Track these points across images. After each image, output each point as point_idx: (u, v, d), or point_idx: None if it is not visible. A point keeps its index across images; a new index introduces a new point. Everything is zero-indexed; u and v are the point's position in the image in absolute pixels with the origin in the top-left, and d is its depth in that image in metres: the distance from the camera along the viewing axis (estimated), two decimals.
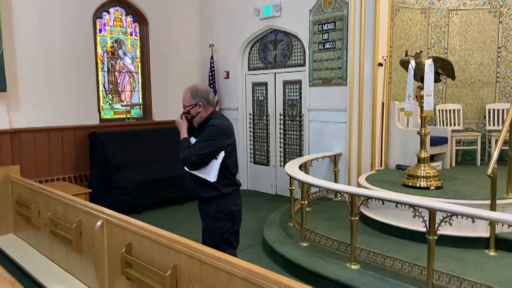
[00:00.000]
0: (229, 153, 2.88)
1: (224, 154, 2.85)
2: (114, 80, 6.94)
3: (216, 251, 2.17)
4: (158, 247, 2.53)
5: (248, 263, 2.01)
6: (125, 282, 2.79)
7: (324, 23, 5.83)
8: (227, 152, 2.86)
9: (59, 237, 3.57)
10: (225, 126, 2.93)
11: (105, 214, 2.99)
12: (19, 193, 4.37)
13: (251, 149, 7.33)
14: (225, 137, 2.88)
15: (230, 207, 2.98)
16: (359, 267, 3.51)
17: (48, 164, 5.98)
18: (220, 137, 2.85)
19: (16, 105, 5.64)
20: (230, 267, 2.04)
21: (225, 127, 2.92)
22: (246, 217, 5.72)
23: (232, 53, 7.27)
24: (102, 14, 6.59)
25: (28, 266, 3.74)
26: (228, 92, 7.47)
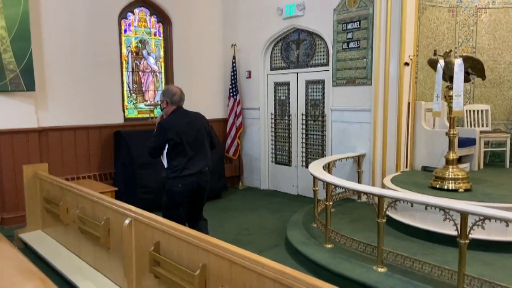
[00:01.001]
0: (172, 145, 3.56)
1: (168, 146, 3.59)
2: (138, 79, 7.03)
3: (247, 251, 2.17)
4: (186, 246, 2.54)
5: (279, 264, 2.00)
6: (153, 280, 2.81)
7: (349, 22, 5.76)
8: (170, 144, 3.56)
9: (87, 234, 3.63)
10: (168, 124, 3.61)
11: (133, 213, 3.03)
12: (47, 190, 4.46)
13: (272, 149, 7.31)
14: (167, 132, 3.55)
15: (172, 188, 3.64)
16: (386, 270, 3.46)
17: (74, 162, 6.09)
18: (162, 133, 3.57)
19: (44, 104, 5.76)
20: (260, 267, 2.04)
21: (168, 125, 3.60)
22: (268, 217, 5.73)
23: (254, 52, 7.27)
24: (127, 14, 6.68)
25: (56, 262, 3.82)
26: (250, 92, 7.47)
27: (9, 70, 5.21)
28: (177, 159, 3.59)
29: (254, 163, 7.54)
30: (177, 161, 3.59)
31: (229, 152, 7.52)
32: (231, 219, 5.68)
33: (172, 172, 3.61)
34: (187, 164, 3.60)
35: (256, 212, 5.97)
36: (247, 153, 7.67)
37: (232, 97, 7.44)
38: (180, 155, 3.59)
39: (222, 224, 5.41)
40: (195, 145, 3.66)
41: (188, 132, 3.63)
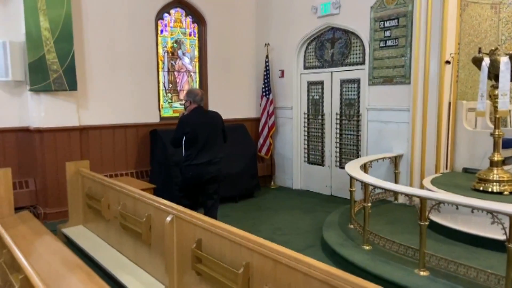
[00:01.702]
0: (187, 137, 4.23)
1: (184, 138, 4.25)
2: (174, 79, 7.14)
3: (292, 251, 2.16)
4: (229, 244, 2.55)
5: (326, 265, 1.99)
6: (195, 277, 2.85)
7: (387, 20, 5.65)
8: (186, 137, 4.24)
9: (128, 230, 3.71)
10: (187, 119, 4.30)
11: (175, 210, 3.07)
12: (89, 187, 4.59)
13: (305, 148, 7.27)
14: (185, 126, 4.25)
15: (184, 174, 4.33)
16: (428, 274, 3.37)
17: (112, 160, 6.25)
18: (181, 126, 4.28)
19: (85, 103, 5.94)
20: (307, 268, 2.03)
21: (187, 120, 4.29)
22: (302, 217, 5.70)
23: (288, 52, 7.24)
24: (163, 15, 6.79)
25: (98, 257, 3.92)
26: (283, 91, 7.45)
27: (52, 70, 5.40)
28: (190, 149, 4.25)
29: (286, 162, 7.52)
30: (190, 151, 4.25)
31: (261, 152, 7.53)
32: (265, 218, 5.68)
33: (185, 161, 4.28)
34: (198, 155, 4.22)
35: (290, 212, 5.95)
36: (279, 153, 7.66)
37: (264, 96, 7.45)
38: (193, 147, 4.23)
39: (256, 223, 5.43)
40: (207, 140, 4.26)
41: (203, 127, 4.26)
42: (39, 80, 5.34)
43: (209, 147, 4.27)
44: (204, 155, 4.23)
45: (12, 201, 4.50)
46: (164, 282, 3.18)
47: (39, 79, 5.33)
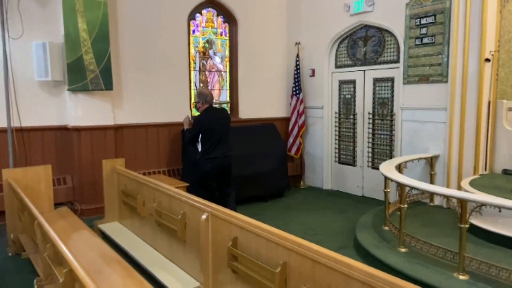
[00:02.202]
0: (204, 134, 4.66)
1: (202, 135, 4.67)
2: (205, 79, 7.21)
3: (331, 251, 2.14)
4: (266, 243, 2.55)
5: (368, 266, 1.95)
6: (230, 275, 2.86)
7: (423, 17, 5.50)
8: (203, 134, 4.66)
9: (163, 227, 3.77)
10: (203, 118, 4.74)
11: (211, 208, 3.09)
12: (125, 184, 4.69)
13: (336, 148, 7.19)
14: (202, 125, 4.67)
15: (203, 167, 4.71)
16: (468, 278, 3.26)
17: (145, 158, 6.37)
18: (199, 125, 4.70)
19: (120, 103, 6.07)
20: (348, 269, 2.00)
21: (203, 119, 4.73)
22: (334, 217, 5.63)
23: (319, 50, 7.18)
24: (195, 15, 6.87)
25: (133, 253, 4.00)
26: (313, 90, 7.39)
27: (89, 71, 5.55)
28: (207, 145, 4.68)
29: (317, 162, 7.46)
30: (206, 146, 4.68)
31: (291, 151, 7.50)
32: (296, 218, 5.66)
33: (203, 155, 4.70)
34: (214, 149, 4.68)
35: (321, 212, 5.90)
36: (309, 152, 7.60)
37: (295, 95, 7.41)
38: (209, 142, 4.68)
39: (287, 223, 5.41)
40: (220, 135, 4.73)
41: (216, 124, 4.72)
42: (77, 80, 5.50)
43: (223, 142, 4.77)
44: (220, 149, 4.72)
45: (52, 197, 4.65)
46: (199, 279, 3.22)
47: (77, 79, 5.50)
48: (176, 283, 3.25)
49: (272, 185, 6.59)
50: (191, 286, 3.18)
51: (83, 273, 1.91)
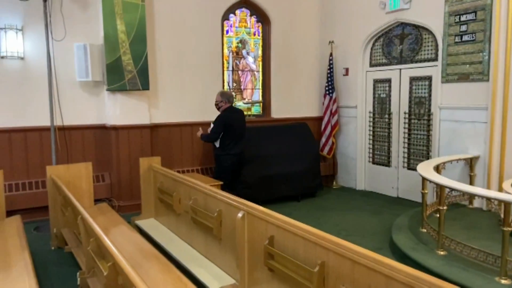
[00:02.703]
0: (226, 132, 5.13)
1: (224, 132, 5.14)
2: (238, 78, 7.26)
3: (371, 252, 2.12)
4: (303, 242, 2.55)
5: (410, 268, 1.92)
6: (267, 273, 2.87)
7: (463, 14, 5.34)
8: (225, 131, 5.13)
9: (199, 225, 3.83)
10: (226, 117, 5.17)
11: (247, 206, 3.11)
12: (161, 182, 4.80)
13: (369, 148, 7.08)
14: (226, 122, 5.11)
15: (224, 162, 5.26)
16: (510, 282, 3.15)
17: (180, 156, 6.49)
18: (222, 123, 5.11)
19: (156, 102, 6.22)
20: (389, 270, 1.97)
21: (226, 117, 5.17)
22: (368, 218, 5.56)
23: (353, 49, 7.09)
24: (229, 16, 6.93)
25: (170, 249, 4.08)
26: (347, 89, 7.31)
27: (127, 71, 5.71)
28: (227, 141, 5.14)
29: (350, 162, 7.37)
30: (227, 143, 5.15)
31: (323, 151, 7.44)
32: (329, 218, 5.62)
33: (223, 151, 5.20)
34: (234, 146, 5.21)
35: (354, 213, 5.83)
36: (342, 152, 7.52)
37: (328, 95, 7.35)
38: (230, 139, 5.15)
39: (320, 223, 5.37)
40: (239, 133, 5.24)
41: (236, 123, 5.19)
42: (116, 80, 5.67)
43: (241, 139, 5.32)
44: (239, 146, 5.29)
45: (92, 193, 4.82)
46: (235, 277, 3.25)
47: (115, 79, 5.67)
48: (212, 280, 3.29)
49: (304, 185, 6.56)
50: (227, 283, 3.21)
51: (128, 267, 1.97)
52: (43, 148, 5.58)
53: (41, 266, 4.02)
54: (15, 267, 3.03)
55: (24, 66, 5.45)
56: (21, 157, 5.49)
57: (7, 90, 5.37)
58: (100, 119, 5.98)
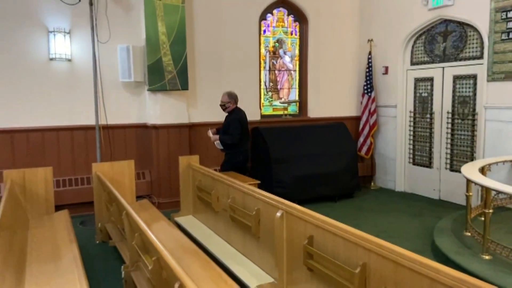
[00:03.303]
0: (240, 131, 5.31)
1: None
2: (274, 78, 7.28)
3: (415, 254, 2.07)
4: (343, 242, 2.53)
5: (456, 271, 1.87)
6: (306, 273, 2.87)
7: (510, 10, 5.10)
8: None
9: (237, 223, 3.87)
10: (241, 117, 5.37)
11: (285, 205, 3.12)
12: (199, 180, 4.89)
13: (410, 149, 6.90)
14: (240, 122, 5.30)
15: (234, 159, 5.44)
16: None
17: (217, 155, 6.54)
18: (239, 124, 5.29)
19: (194, 102, 6.34)
20: (434, 273, 1.93)
21: (241, 118, 5.37)
22: (408, 221, 5.43)
23: (393, 47, 6.94)
24: (266, 16, 6.96)
25: (209, 246, 4.15)
26: (386, 88, 7.16)
27: (167, 72, 5.85)
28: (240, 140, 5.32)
29: (389, 163, 7.21)
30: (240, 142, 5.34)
31: (361, 151, 7.33)
32: (367, 220, 5.53)
33: (235, 148, 5.36)
34: (245, 143, 5.47)
35: (394, 215, 5.71)
36: (381, 153, 7.38)
37: (366, 94, 7.23)
38: (242, 137, 5.33)
39: (358, 224, 5.28)
40: (248, 131, 5.50)
41: (246, 121, 5.43)
42: (156, 80, 5.82)
43: (248, 137, 5.58)
44: (247, 143, 5.57)
45: (134, 190, 4.98)
46: (274, 275, 3.27)
47: (156, 80, 5.82)
48: (250, 277, 3.32)
49: (341, 185, 6.49)
50: (266, 282, 3.23)
51: (173, 261, 2.03)
52: (88, 146, 5.82)
53: (87, 259, 4.19)
54: (64, 259, 3.18)
55: (71, 68, 5.70)
56: (68, 155, 5.75)
57: (56, 91, 5.63)
58: (141, 118, 6.16)
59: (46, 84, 5.57)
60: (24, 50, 5.44)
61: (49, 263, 3.12)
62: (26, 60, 5.45)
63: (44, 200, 4.60)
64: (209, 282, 2.84)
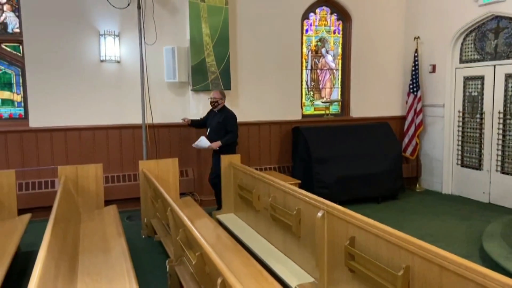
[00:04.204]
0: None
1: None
2: (316, 77, 7.24)
3: (462, 258, 2.01)
4: (386, 244, 2.49)
5: (506, 277, 1.80)
6: (347, 274, 2.85)
7: None
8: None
9: (277, 222, 3.90)
10: (234, 114, 5.44)
11: (327, 206, 3.11)
12: (240, 178, 4.96)
13: (458, 150, 6.64)
14: (236, 120, 5.41)
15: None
16: None
17: (258, 154, 6.65)
18: (235, 121, 5.40)
19: (236, 101, 6.43)
20: (482, 278, 1.87)
21: (234, 115, 5.44)
22: (455, 224, 5.24)
23: (441, 45, 6.70)
24: (309, 15, 6.93)
25: (250, 243, 4.20)
26: (434, 87, 6.92)
27: (210, 72, 5.98)
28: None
29: (435, 164, 6.98)
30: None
31: (406, 152, 7.14)
32: (411, 222, 5.39)
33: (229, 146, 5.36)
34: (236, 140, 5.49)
35: (440, 218, 5.52)
36: (427, 154, 7.15)
37: (412, 93, 7.03)
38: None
39: (402, 227, 5.16)
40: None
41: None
42: (200, 81, 5.97)
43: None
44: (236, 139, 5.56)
45: (178, 187, 5.14)
46: (314, 275, 3.27)
47: (199, 80, 5.97)
48: (291, 276, 3.34)
49: (384, 187, 6.35)
50: (306, 281, 3.24)
51: (216, 257, 2.09)
52: (135, 144, 6.06)
53: (134, 252, 4.36)
54: (113, 251, 3.35)
55: (120, 69, 5.96)
56: (116, 152, 6.02)
57: (106, 91, 5.91)
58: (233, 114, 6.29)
59: (97, 84, 5.86)
60: (78, 52, 5.74)
61: (99, 254, 3.29)
62: (79, 62, 5.76)
63: (95, 195, 4.84)
64: (250, 279, 2.89)
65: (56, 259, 2.48)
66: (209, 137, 5.35)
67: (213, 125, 5.40)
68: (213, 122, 5.41)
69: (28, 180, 5.61)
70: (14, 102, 5.79)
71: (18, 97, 5.78)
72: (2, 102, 5.74)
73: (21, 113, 5.80)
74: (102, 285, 2.71)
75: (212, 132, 5.39)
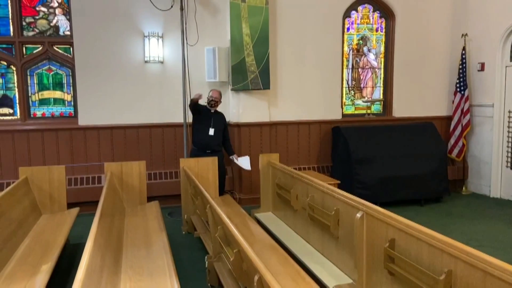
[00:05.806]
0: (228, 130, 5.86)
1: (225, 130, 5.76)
2: (357, 76, 7.11)
3: (508, 264, 1.93)
4: (427, 248, 2.43)
5: None
6: (386, 276, 2.80)
7: None
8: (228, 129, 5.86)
9: (315, 221, 3.88)
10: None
11: (366, 207, 3.07)
12: (279, 177, 4.97)
13: (508, 152, 6.31)
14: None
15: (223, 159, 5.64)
16: None
17: (296, 154, 6.63)
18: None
19: (275, 101, 6.44)
20: None
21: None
22: (504, 229, 5.01)
23: (490, 42, 6.39)
24: (350, 13, 6.82)
25: (287, 243, 4.21)
26: (482, 86, 6.61)
27: (250, 72, 6.03)
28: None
29: (483, 166, 6.66)
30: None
31: (452, 153, 6.87)
32: (456, 226, 5.18)
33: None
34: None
35: (488, 222, 5.28)
36: (474, 155, 6.84)
37: (459, 92, 6.75)
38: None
39: (446, 231, 4.98)
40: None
41: None
42: (239, 80, 6.03)
43: None
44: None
45: (217, 185, 5.23)
46: (352, 276, 3.23)
47: (239, 80, 6.03)
48: (328, 277, 3.31)
49: (428, 189, 6.15)
50: (344, 282, 3.21)
51: (253, 254, 2.12)
52: (176, 142, 6.22)
53: (174, 248, 4.49)
54: (155, 246, 3.47)
55: (163, 69, 6.14)
56: (159, 150, 6.21)
57: (149, 91, 6.11)
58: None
59: (141, 84, 6.07)
60: (123, 54, 5.97)
61: (142, 248, 3.42)
62: (125, 63, 5.99)
63: (138, 191, 5.03)
64: (287, 278, 2.90)
65: (102, 251, 2.60)
66: (214, 137, 5.54)
67: (219, 125, 5.60)
68: (217, 123, 5.60)
69: (77, 175, 5.90)
70: (65, 101, 6.11)
71: (68, 96, 6.10)
72: (54, 101, 6.07)
73: (71, 112, 6.11)
74: (144, 278, 2.82)
75: (218, 131, 5.57)
